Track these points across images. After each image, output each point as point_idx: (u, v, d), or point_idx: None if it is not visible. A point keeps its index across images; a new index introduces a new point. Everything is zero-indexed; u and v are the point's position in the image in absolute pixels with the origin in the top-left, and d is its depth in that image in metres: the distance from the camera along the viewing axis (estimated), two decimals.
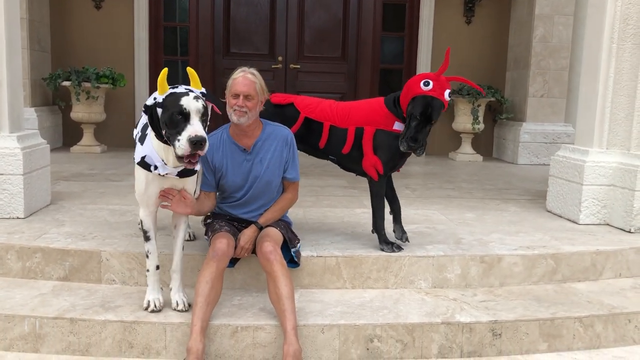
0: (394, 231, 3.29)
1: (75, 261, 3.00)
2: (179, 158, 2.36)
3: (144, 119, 2.66)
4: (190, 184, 2.67)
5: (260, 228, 2.82)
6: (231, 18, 7.49)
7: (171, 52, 7.61)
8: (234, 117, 2.74)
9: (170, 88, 2.49)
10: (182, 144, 2.30)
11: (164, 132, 2.40)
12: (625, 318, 2.91)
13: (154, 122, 2.44)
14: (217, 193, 2.97)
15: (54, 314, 2.61)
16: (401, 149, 2.97)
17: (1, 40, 3.47)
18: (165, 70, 2.48)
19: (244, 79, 2.72)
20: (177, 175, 2.54)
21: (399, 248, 3.14)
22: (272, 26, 7.51)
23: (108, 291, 2.90)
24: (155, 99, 2.45)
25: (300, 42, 7.55)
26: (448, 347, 2.71)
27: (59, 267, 3.00)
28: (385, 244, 3.14)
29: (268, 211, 2.87)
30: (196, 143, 2.29)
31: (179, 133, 2.32)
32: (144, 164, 2.51)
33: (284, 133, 2.88)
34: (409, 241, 3.24)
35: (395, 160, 3.13)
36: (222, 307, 2.73)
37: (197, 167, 2.46)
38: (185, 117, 2.32)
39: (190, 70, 2.59)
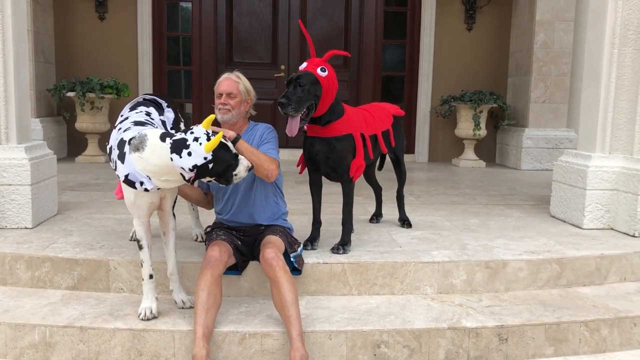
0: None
1: (84, 270, 3.02)
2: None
3: (117, 134, 2.66)
4: (172, 190, 2.74)
5: (237, 139, 2.71)
6: (234, 28, 7.56)
7: (174, 61, 7.67)
8: (219, 116, 2.89)
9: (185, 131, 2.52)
10: (241, 175, 2.57)
11: (211, 176, 2.50)
12: (631, 322, 2.92)
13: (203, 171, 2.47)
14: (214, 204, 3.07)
15: (63, 322, 2.63)
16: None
17: (9, 52, 3.52)
18: (212, 117, 2.53)
19: (226, 80, 2.92)
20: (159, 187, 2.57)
21: (341, 251, 3.21)
22: (275, 35, 7.57)
23: (116, 299, 2.93)
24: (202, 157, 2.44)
25: (302, 51, 7.60)
26: (455, 352, 2.73)
27: (68, 276, 3.03)
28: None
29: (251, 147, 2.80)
30: (251, 169, 2.63)
31: (234, 169, 2.54)
32: (129, 182, 2.53)
33: (264, 126, 3.01)
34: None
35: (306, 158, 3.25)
36: (229, 315, 2.76)
37: None
38: (236, 159, 2.54)
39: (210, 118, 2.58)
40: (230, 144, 2.53)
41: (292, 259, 2.88)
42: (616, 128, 3.94)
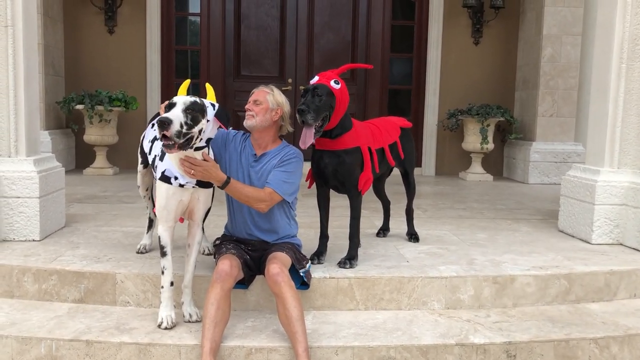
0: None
1: (91, 283, 3.03)
2: (166, 147, 2.48)
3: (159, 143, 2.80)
4: (205, 195, 2.78)
5: (226, 182, 2.71)
6: (242, 41, 7.60)
7: (182, 74, 7.70)
8: (244, 121, 2.94)
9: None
10: (156, 127, 2.45)
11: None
12: None
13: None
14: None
15: (70, 336, 2.63)
16: (299, 122, 3.03)
17: (19, 66, 3.55)
18: (187, 81, 2.76)
19: (258, 90, 2.98)
20: (195, 185, 2.69)
21: (348, 265, 3.19)
22: (282, 49, 7.62)
23: (123, 313, 2.92)
24: None
25: (310, 64, 7.64)
26: None
27: (75, 289, 3.03)
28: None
29: (241, 183, 2.82)
30: (160, 123, 2.40)
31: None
32: (165, 178, 2.66)
33: (290, 151, 2.96)
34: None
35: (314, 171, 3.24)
36: (235, 329, 2.75)
37: (172, 153, 2.52)
38: (171, 107, 2.50)
39: (207, 86, 2.81)
40: (179, 97, 2.53)
41: (301, 274, 2.87)
42: (625, 143, 3.92)
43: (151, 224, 3.47)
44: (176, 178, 2.65)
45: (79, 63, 7.30)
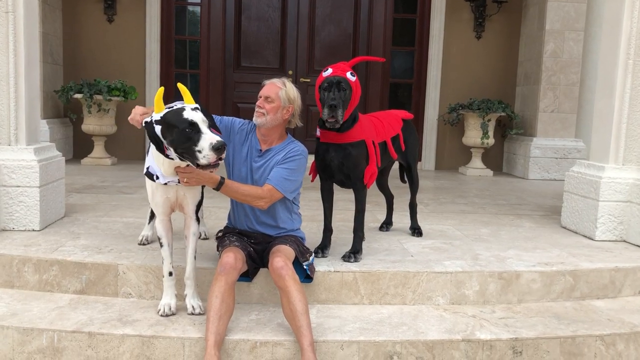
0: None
1: (92, 274, 2.99)
2: (204, 167, 2.44)
3: None
4: (192, 192, 2.75)
5: (220, 184, 2.67)
6: (242, 32, 7.54)
7: (182, 65, 7.65)
8: (254, 118, 2.86)
9: (165, 107, 2.55)
10: (206, 153, 2.39)
11: (173, 149, 2.47)
12: None
13: (154, 137, 2.51)
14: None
15: (72, 327, 2.60)
16: (326, 118, 2.99)
17: (20, 53, 3.50)
18: (161, 89, 2.56)
19: (270, 84, 2.87)
20: (178, 182, 2.65)
21: (353, 259, 3.15)
22: (283, 41, 7.56)
23: (125, 305, 2.89)
24: (151, 117, 2.53)
25: (311, 57, 7.58)
26: None
27: (76, 280, 3.00)
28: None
29: (237, 183, 2.79)
30: (219, 148, 2.38)
31: (196, 144, 2.40)
32: (149, 174, 2.67)
33: (295, 147, 2.90)
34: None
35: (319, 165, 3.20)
36: (240, 322, 2.72)
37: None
38: (195, 128, 2.41)
39: (180, 86, 2.63)
40: (192, 114, 2.42)
41: (305, 267, 2.84)
42: (630, 139, 3.90)
43: (153, 214, 3.43)
44: (157, 177, 2.64)
45: (77, 52, 7.22)
